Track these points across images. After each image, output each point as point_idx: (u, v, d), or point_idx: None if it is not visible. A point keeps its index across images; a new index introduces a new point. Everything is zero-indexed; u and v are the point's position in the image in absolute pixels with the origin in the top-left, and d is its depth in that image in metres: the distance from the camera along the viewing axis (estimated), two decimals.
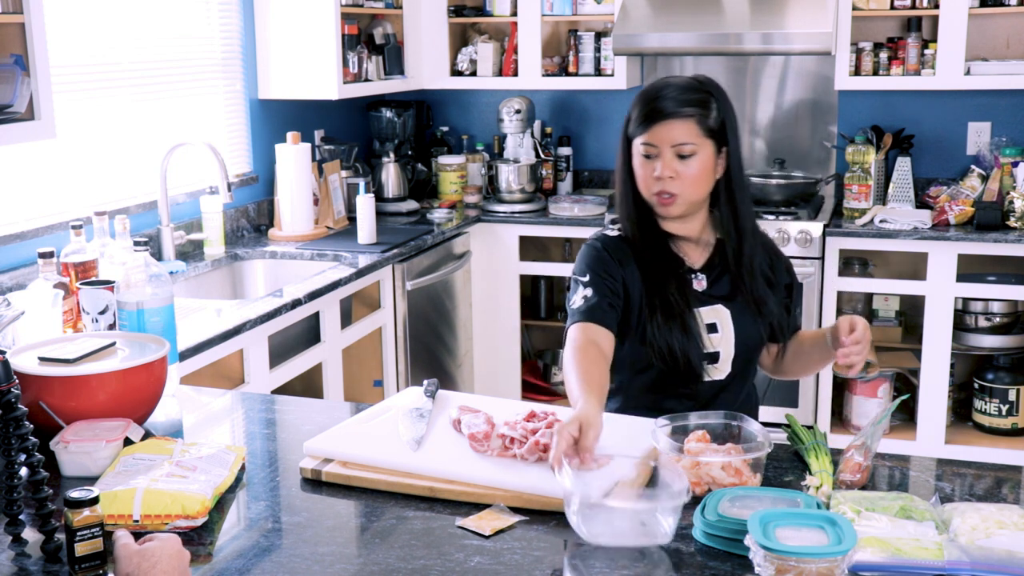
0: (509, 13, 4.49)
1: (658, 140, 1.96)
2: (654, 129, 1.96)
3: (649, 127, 1.96)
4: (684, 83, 1.99)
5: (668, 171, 1.95)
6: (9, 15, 2.40)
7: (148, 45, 3.40)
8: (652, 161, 1.97)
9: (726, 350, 2.02)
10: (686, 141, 1.95)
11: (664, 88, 1.98)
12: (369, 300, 3.54)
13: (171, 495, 1.49)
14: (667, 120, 1.95)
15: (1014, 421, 3.97)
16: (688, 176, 1.96)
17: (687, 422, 1.69)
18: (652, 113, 1.96)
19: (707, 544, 1.42)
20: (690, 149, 1.95)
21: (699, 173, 1.97)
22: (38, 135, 2.48)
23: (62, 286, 2.28)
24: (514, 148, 4.56)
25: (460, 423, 1.78)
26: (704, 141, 1.96)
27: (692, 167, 1.96)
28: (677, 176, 1.96)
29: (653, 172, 1.97)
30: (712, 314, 2.02)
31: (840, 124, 4.42)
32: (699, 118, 1.95)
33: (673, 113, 1.95)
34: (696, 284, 2.04)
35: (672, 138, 1.95)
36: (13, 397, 1.45)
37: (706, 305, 2.03)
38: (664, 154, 1.96)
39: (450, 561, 1.39)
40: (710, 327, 2.02)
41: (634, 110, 2.01)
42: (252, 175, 3.92)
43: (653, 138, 1.96)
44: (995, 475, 1.71)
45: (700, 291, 2.04)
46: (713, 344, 2.02)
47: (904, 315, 4.25)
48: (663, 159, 1.96)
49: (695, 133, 1.95)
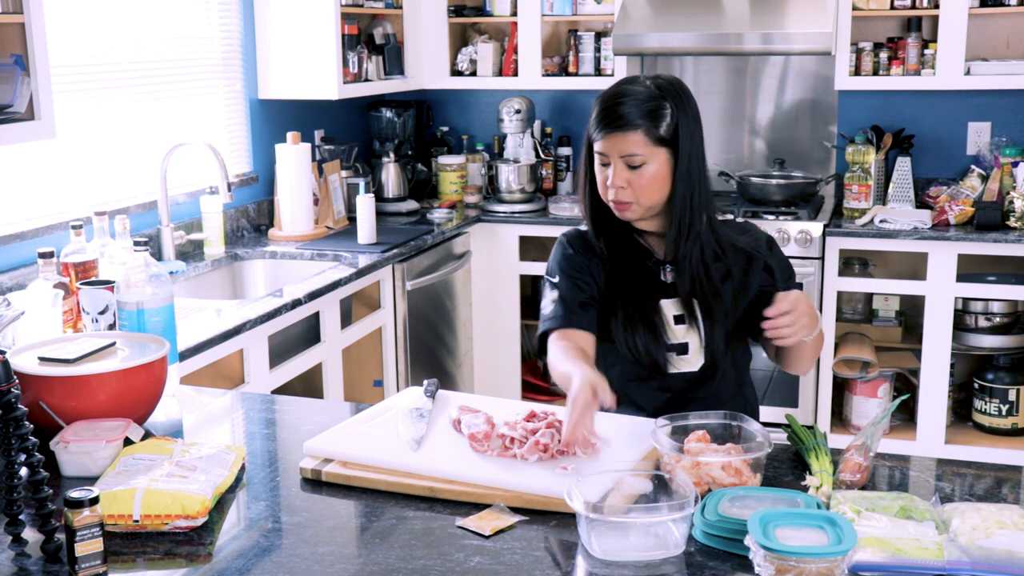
0: (509, 13, 4.49)
1: (608, 150, 1.98)
2: (605, 139, 1.98)
3: (601, 136, 1.98)
4: (640, 93, 1.97)
5: (619, 180, 1.97)
6: (9, 15, 2.40)
7: (148, 45, 3.40)
8: (606, 168, 2.00)
9: (694, 341, 2.03)
10: (634, 152, 1.96)
11: (618, 96, 1.98)
12: (369, 300, 3.54)
13: (171, 495, 1.49)
14: (617, 131, 1.96)
15: (1014, 421, 3.97)
16: (639, 185, 1.97)
17: (687, 422, 1.70)
18: (602, 123, 1.98)
19: (707, 544, 1.42)
20: (639, 160, 1.96)
21: (650, 182, 1.97)
22: (38, 135, 2.48)
23: (62, 286, 2.28)
24: (514, 148, 4.56)
25: (460, 423, 1.78)
26: (655, 150, 1.96)
27: (643, 176, 1.97)
28: (628, 185, 1.97)
29: (606, 179, 2.00)
30: (679, 305, 2.04)
31: (840, 124, 4.42)
32: (647, 129, 1.95)
33: (624, 124, 1.96)
34: (663, 276, 2.06)
35: (620, 149, 1.96)
36: (13, 397, 1.45)
37: (673, 296, 2.04)
38: (615, 164, 1.98)
39: (450, 561, 1.39)
40: (677, 318, 2.03)
41: (591, 113, 2.02)
42: (252, 175, 3.92)
43: (604, 147, 1.98)
44: (995, 475, 1.71)
45: (667, 283, 2.05)
46: (680, 335, 2.03)
47: (904, 315, 4.25)
48: (614, 168, 1.98)
49: (644, 143, 1.95)
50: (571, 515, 1.45)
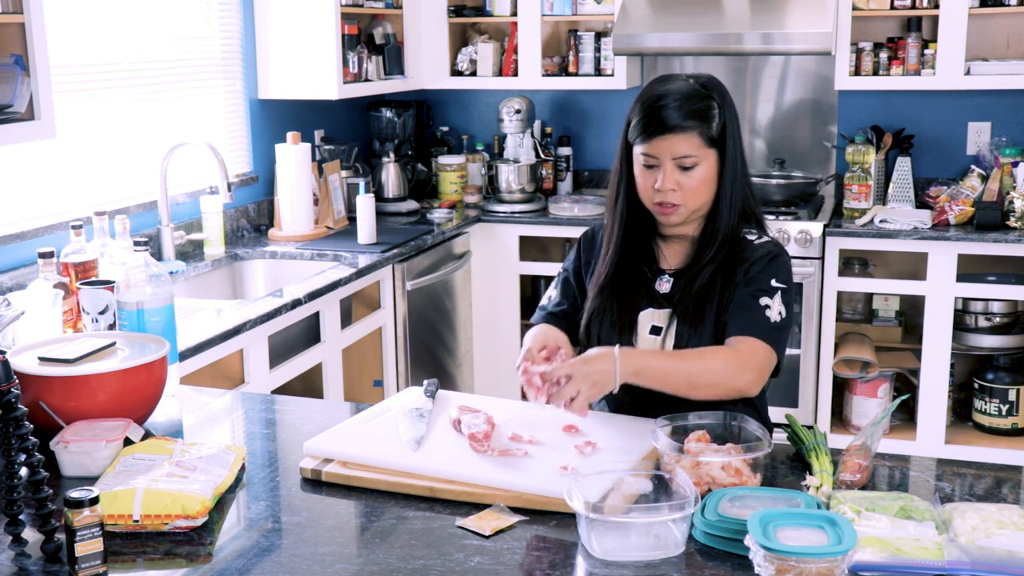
0: (509, 13, 4.49)
1: (659, 152, 1.91)
2: (655, 141, 1.91)
3: (649, 139, 1.91)
4: (686, 91, 1.93)
5: (670, 183, 1.91)
6: (9, 15, 2.40)
7: (148, 45, 3.40)
8: (653, 171, 1.93)
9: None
10: (688, 154, 1.90)
11: (665, 96, 1.92)
12: (369, 300, 3.54)
13: (171, 495, 1.49)
14: (668, 134, 1.90)
15: (1014, 421, 3.97)
16: (690, 187, 1.92)
17: (687, 422, 1.69)
18: (652, 125, 1.91)
19: (707, 544, 1.42)
20: (692, 161, 1.91)
21: (701, 183, 1.93)
22: (38, 135, 2.48)
23: (62, 286, 2.28)
24: (514, 148, 4.56)
25: (460, 423, 1.78)
26: (707, 151, 1.92)
27: (695, 178, 1.92)
28: (679, 188, 1.92)
29: (654, 183, 1.93)
30: (659, 317, 1.99)
31: (840, 124, 4.42)
32: (701, 130, 1.90)
33: (674, 127, 1.90)
34: (658, 285, 2.01)
35: (674, 151, 1.90)
36: (13, 397, 1.46)
37: (657, 307, 2.00)
38: (665, 166, 1.91)
39: (450, 561, 1.39)
40: (654, 329, 1.98)
41: (634, 116, 1.95)
42: (252, 175, 3.92)
43: (653, 150, 1.91)
44: (995, 475, 1.71)
45: (661, 293, 2.01)
46: (647, 346, 1.98)
47: (904, 315, 4.25)
48: (664, 171, 1.91)
49: (697, 145, 1.90)
50: (571, 515, 1.45)
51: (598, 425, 1.82)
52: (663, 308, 1.99)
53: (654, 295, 2.01)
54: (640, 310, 2.00)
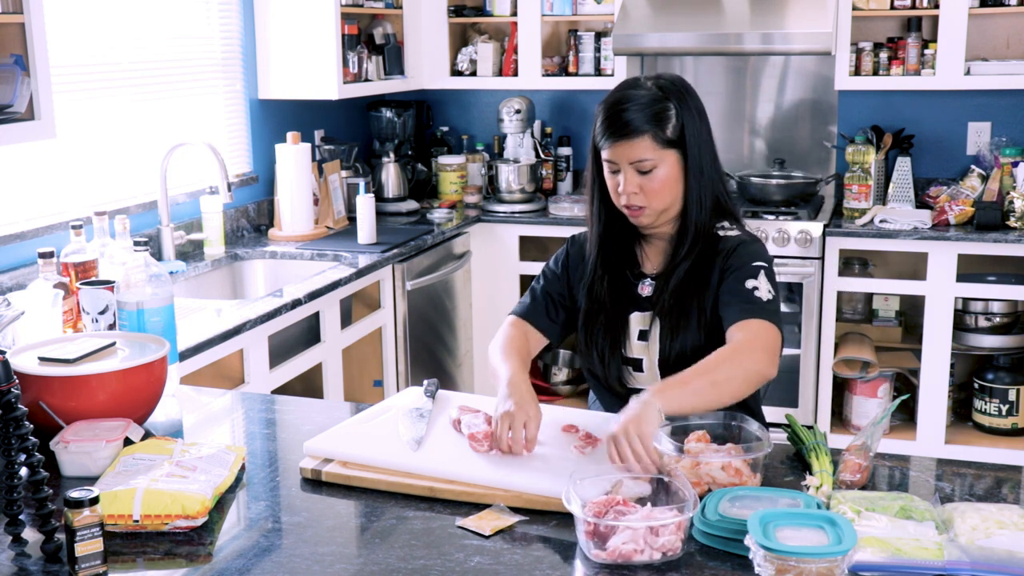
0: (509, 13, 4.49)
1: (617, 157, 1.96)
2: (613, 147, 1.96)
3: (608, 145, 1.96)
4: (642, 97, 1.95)
5: (631, 187, 1.96)
6: (9, 15, 2.40)
7: (148, 45, 3.40)
8: (616, 176, 1.98)
9: (650, 358, 2.00)
10: (643, 157, 1.94)
11: (621, 103, 1.96)
12: (369, 300, 3.54)
13: (171, 495, 1.49)
14: (624, 139, 1.94)
15: (1014, 421, 3.97)
16: (652, 189, 1.96)
17: (687, 422, 1.69)
18: (608, 131, 1.96)
19: (707, 544, 1.42)
20: (650, 164, 1.94)
21: (662, 185, 1.96)
22: (38, 135, 2.48)
23: (62, 286, 2.28)
24: (514, 148, 4.56)
25: (460, 423, 1.78)
26: (663, 153, 1.95)
27: (655, 180, 1.95)
28: (641, 190, 1.96)
29: (618, 187, 1.98)
30: (645, 321, 2.01)
31: (840, 124, 4.42)
32: (653, 133, 1.94)
33: (630, 132, 1.93)
34: (641, 289, 2.04)
35: (630, 155, 1.94)
36: (13, 397, 1.45)
37: (642, 311, 2.02)
38: (626, 170, 1.96)
39: (450, 561, 1.39)
40: (640, 334, 2.01)
41: (596, 121, 2.00)
42: (252, 175, 3.92)
43: (613, 155, 1.97)
44: (995, 475, 1.71)
45: (643, 296, 2.03)
46: (637, 351, 2.01)
47: (904, 315, 4.25)
48: (625, 175, 1.96)
49: (651, 148, 1.94)
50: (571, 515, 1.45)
51: (598, 425, 1.82)
52: (646, 311, 2.02)
53: (638, 299, 2.04)
54: (628, 314, 2.03)
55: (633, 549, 1.36)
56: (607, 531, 1.38)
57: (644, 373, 2.01)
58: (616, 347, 2.01)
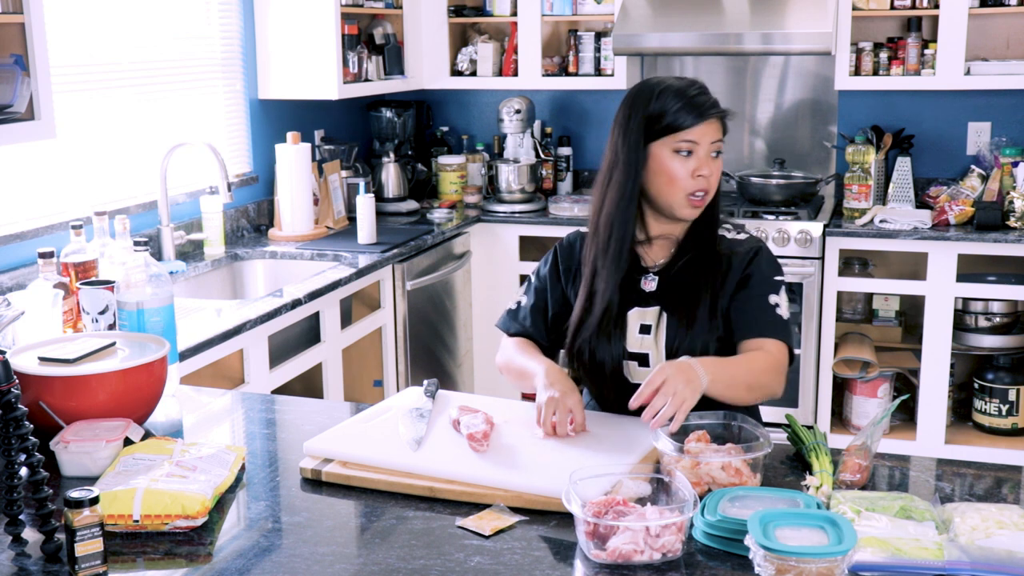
0: (509, 13, 4.49)
1: (700, 137, 1.93)
2: (698, 126, 1.92)
3: (693, 124, 1.92)
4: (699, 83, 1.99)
5: (707, 168, 1.94)
6: (9, 15, 2.40)
7: (148, 45, 3.40)
8: (688, 159, 1.94)
9: (656, 353, 1.98)
10: (720, 139, 1.96)
11: (695, 85, 1.97)
12: (369, 300, 3.54)
13: (171, 495, 1.49)
14: (712, 118, 1.94)
15: (1014, 421, 3.97)
16: (717, 175, 1.97)
17: (687, 422, 1.69)
18: (697, 108, 1.93)
19: (707, 544, 1.42)
20: (720, 146, 1.97)
21: (720, 171, 1.99)
22: (38, 135, 2.48)
23: (62, 286, 2.28)
24: (514, 148, 4.56)
25: (460, 423, 1.78)
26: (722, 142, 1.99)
27: (719, 166, 1.98)
28: (711, 175, 1.95)
29: (693, 170, 1.93)
30: (649, 315, 1.99)
31: (840, 124, 4.42)
32: (723, 118, 1.97)
33: (716, 111, 1.95)
34: (644, 284, 2.02)
35: (713, 135, 1.94)
36: (13, 397, 1.46)
37: (645, 306, 2.00)
38: (702, 151, 1.93)
39: (450, 561, 1.39)
40: (643, 328, 1.99)
41: (667, 105, 1.93)
42: (252, 175, 3.92)
43: (697, 135, 1.93)
44: (995, 475, 1.71)
45: (647, 291, 2.01)
46: (644, 346, 1.99)
47: (904, 315, 4.25)
48: (700, 157, 1.93)
49: (720, 132, 1.97)
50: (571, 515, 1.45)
51: (598, 425, 1.82)
52: (650, 306, 2.00)
53: (640, 293, 2.01)
54: (628, 309, 2.00)
55: (633, 549, 1.37)
56: (607, 531, 1.38)
57: (649, 368, 1.99)
58: (616, 342, 1.99)
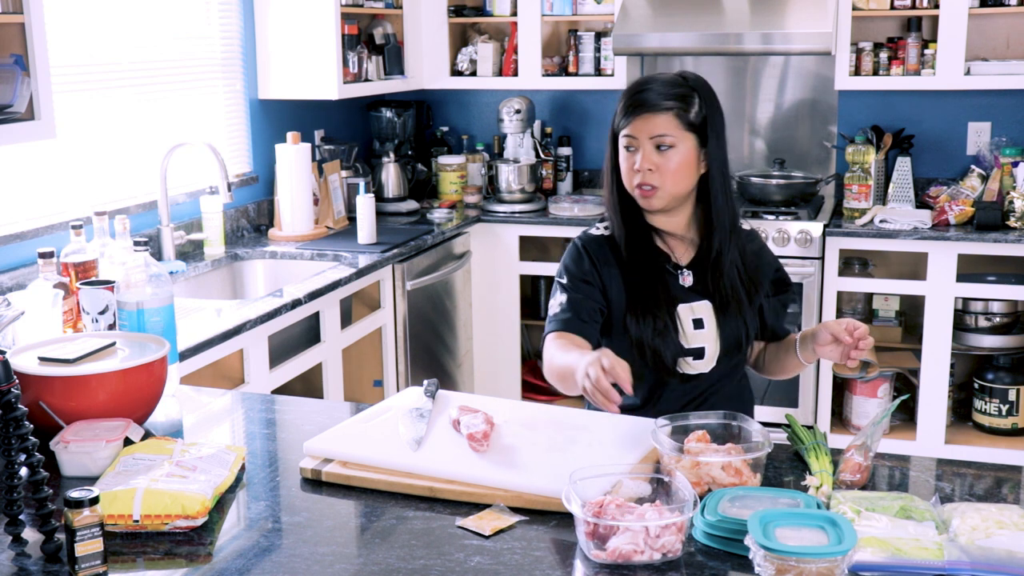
0: (509, 13, 4.49)
1: (638, 132, 1.99)
2: (635, 122, 1.99)
3: (630, 120, 1.99)
4: (668, 78, 2.02)
5: (647, 163, 1.98)
6: (9, 15, 2.40)
7: (148, 45, 3.40)
8: (633, 153, 2.00)
9: (712, 346, 2.04)
10: (665, 133, 1.97)
11: (648, 82, 2.01)
12: (369, 300, 3.54)
13: (171, 495, 1.49)
14: (647, 113, 1.98)
15: (1014, 421, 3.97)
16: (667, 169, 1.98)
17: (687, 422, 1.69)
18: (633, 106, 1.99)
19: (707, 544, 1.42)
20: (669, 141, 1.97)
21: (678, 166, 1.98)
22: (38, 135, 2.48)
23: (62, 286, 2.28)
24: (514, 148, 4.56)
25: (460, 423, 1.78)
26: (684, 134, 1.98)
27: (672, 160, 1.98)
28: (656, 168, 1.98)
29: (633, 164, 2.00)
30: (698, 310, 2.04)
31: (840, 124, 4.42)
32: (678, 111, 1.98)
33: (653, 106, 1.98)
34: (682, 280, 2.06)
35: (651, 130, 1.98)
36: (13, 397, 1.45)
37: (691, 301, 2.05)
38: (644, 146, 1.98)
39: (450, 561, 1.39)
40: (696, 323, 2.03)
41: (619, 104, 2.04)
42: (252, 175, 3.92)
43: (633, 130, 1.99)
44: (995, 475, 1.71)
45: (686, 287, 2.06)
46: (698, 340, 2.04)
47: (904, 315, 4.25)
48: (643, 151, 1.99)
49: (674, 126, 1.97)
50: (571, 515, 1.45)
51: (598, 425, 1.82)
52: (697, 301, 2.05)
53: (682, 290, 2.06)
54: (676, 305, 2.04)
55: (633, 549, 1.37)
56: (607, 531, 1.38)
57: (703, 360, 2.05)
58: (675, 340, 2.02)
